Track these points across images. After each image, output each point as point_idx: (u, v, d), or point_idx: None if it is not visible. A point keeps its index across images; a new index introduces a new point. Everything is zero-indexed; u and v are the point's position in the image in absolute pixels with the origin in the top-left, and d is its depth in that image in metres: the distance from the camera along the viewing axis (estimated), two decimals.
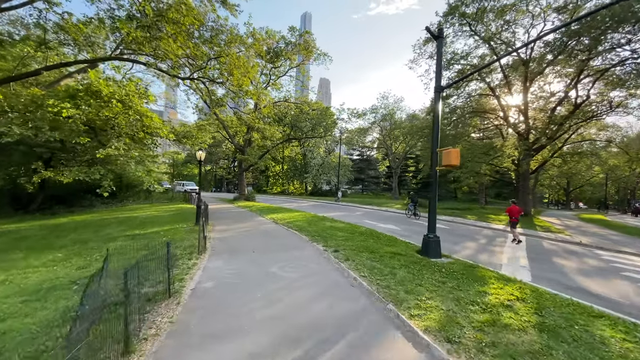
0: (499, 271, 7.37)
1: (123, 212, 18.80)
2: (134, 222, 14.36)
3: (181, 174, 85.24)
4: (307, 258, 7.77)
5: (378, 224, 16.01)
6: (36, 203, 18.59)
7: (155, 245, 8.98)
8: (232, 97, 14.30)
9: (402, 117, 47.21)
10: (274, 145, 29.40)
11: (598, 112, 23.60)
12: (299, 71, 29.44)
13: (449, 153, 7.52)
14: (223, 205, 24.62)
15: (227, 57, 13.35)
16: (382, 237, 10.92)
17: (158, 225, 13.06)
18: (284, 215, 17.52)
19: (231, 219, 16.18)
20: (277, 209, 21.23)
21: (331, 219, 16.31)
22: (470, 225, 17.34)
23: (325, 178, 57.35)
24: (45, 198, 19.67)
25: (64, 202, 20.74)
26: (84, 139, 7.57)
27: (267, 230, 12.28)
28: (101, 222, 14.36)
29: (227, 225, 13.77)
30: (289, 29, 23.94)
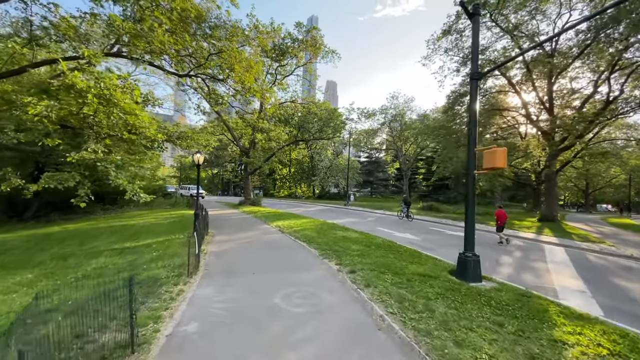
0: (559, 300, 5.91)
1: (121, 219, 17.77)
2: (129, 231, 13.24)
3: (189, 177, 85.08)
4: (318, 282, 6.40)
5: (394, 232, 14.55)
6: (31, 210, 17.67)
7: (141, 264, 7.74)
8: (233, 94, 13.14)
9: (413, 118, 45.58)
10: (281, 147, 28.21)
11: (626, 109, 21.76)
12: (306, 70, 28.23)
13: (494, 153, 6.09)
14: (227, 211, 23.45)
15: (228, 51, 12.16)
16: (402, 250, 9.49)
17: (153, 236, 11.88)
18: (291, 222, 16.20)
19: (233, 226, 14.94)
20: (283, 215, 19.94)
21: (342, 227, 14.93)
22: (494, 233, 15.71)
23: (333, 181, 55.95)
24: (41, 205, 18.75)
25: (61, 209, 19.82)
26: (52, 141, 6.46)
27: (271, 242, 10.97)
28: (93, 232, 13.27)
29: (227, 234, 12.51)
30: (295, 24, 22.75)
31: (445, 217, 22.50)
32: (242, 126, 26.61)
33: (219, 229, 13.98)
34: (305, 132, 29.43)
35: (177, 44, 12.06)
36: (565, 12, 19.55)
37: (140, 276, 6.57)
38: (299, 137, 29.80)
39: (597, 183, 58.60)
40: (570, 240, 13.90)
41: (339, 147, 61.66)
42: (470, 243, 6.80)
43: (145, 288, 5.77)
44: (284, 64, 25.01)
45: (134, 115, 7.48)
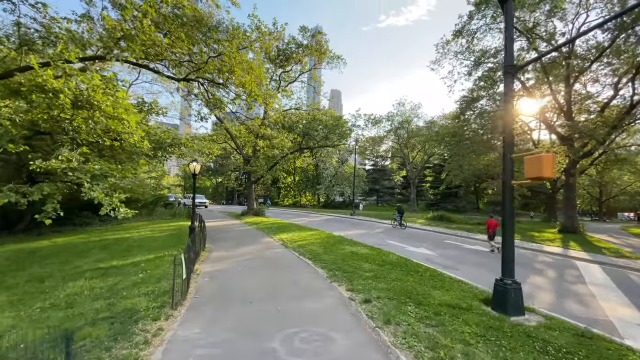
0: (622, 339, 4.76)
1: (116, 232, 16.87)
2: (120, 246, 12.28)
3: None
4: (327, 316, 5.32)
5: (407, 246, 13.40)
6: (24, 222, 16.85)
7: (122, 289, 6.74)
8: (233, 98, 12.32)
9: (420, 125, 44.54)
10: (284, 155, 27.30)
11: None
12: (310, 76, 27.51)
13: (539, 161, 5.02)
14: (228, 222, 22.47)
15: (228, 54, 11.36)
16: (421, 271, 8.36)
17: (144, 252, 10.90)
18: (295, 235, 15.15)
19: (234, 240, 13.93)
20: (287, 227, 18.89)
21: (350, 240, 13.82)
22: (516, 247, 14.45)
23: (338, 189, 54.84)
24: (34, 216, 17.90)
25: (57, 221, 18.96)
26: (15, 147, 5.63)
27: (273, 259, 9.91)
28: (82, 248, 12.34)
29: (226, 250, 11.49)
30: (300, 29, 22.10)
31: (458, 228, 21.24)
32: (245, 134, 25.84)
33: (217, 243, 12.97)
34: (310, 140, 28.59)
35: (174, 47, 11.30)
36: (582, 12, 18.61)
37: (117, 307, 5.56)
38: (303, 144, 28.95)
39: (610, 191, 56.66)
40: (602, 255, 12.61)
41: (344, 155, 60.69)
42: (510, 267, 5.67)
43: (118, 325, 4.75)
44: (287, 70, 24.30)
45: (117, 119, 6.62)
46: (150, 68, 12.04)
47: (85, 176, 5.90)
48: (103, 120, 6.41)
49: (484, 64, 21.43)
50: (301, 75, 26.47)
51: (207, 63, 12.14)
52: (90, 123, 6.39)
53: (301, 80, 27.01)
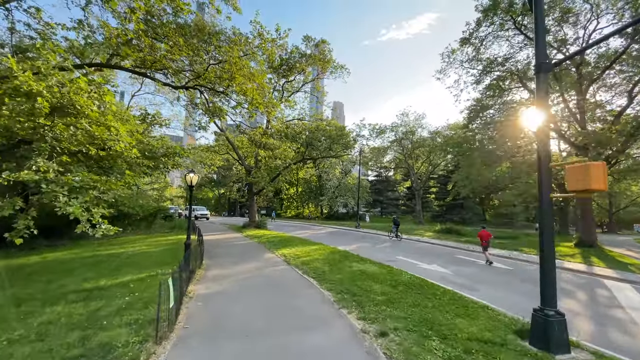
0: None
1: (112, 246, 16.13)
2: (112, 263, 11.52)
3: (196, 198, 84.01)
4: (336, 355, 4.50)
5: (418, 262, 12.52)
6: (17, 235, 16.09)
7: (103, 316, 5.97)
8: (233, 106, 11.80)
9: (424, 135, 43.94)
10: (287, 165, 26.66)
11: None
12: (314, 86, 27.17)
13: (586, 170, 4.27)
14: (229, 235, 21.67)
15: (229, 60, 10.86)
16: (439, 293, 7.51)
17: (136, 270, 10.13)
18: (298, 250, 14.33)
19: (233, 256, 13.13)
20: (289, 240, 18.07)
21: (356, 256, 12.97)
22: (535, 263, 13.52)
23: (341, 200, 53.99)
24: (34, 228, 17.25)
25: (52, 234, 18.30)
26: None
27: (275, 279, 9.09)
28: (72, 264, 11.59)
29: (224, 267, 10.69)
30: (303, 38, 21.83)
31: (468, 241, 20.28)
32: (247, 145, 25.32)
33: (215, 259, 12.18)
34: (313, 150, 28.03)
35: (172, 53, 10.83)
36: (593, 19, 18.13)
37: (91, 341, 4.79)
38: (306, 155, 28.37)
39: (620, 202, 55.28)
40: (630, 273, 11.65)
41: (347, 166, 60.09)
42: (551, 295, 4.85)
43: None
44: (290, 80, 23.93)
45: (104, 126, 6.01)
46: (148, 76, 11.56)
47: (62, 189, 5.27)
48: (86, 126, 5.81)
49: (492, 72, 20.90)
50: (304, 86, 26.15)
51: (208, 70, 11.67)
52: (71, 129, 5.78)
53: (304, 90, 26.69)
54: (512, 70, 20.39)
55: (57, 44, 9.93)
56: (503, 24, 17.55)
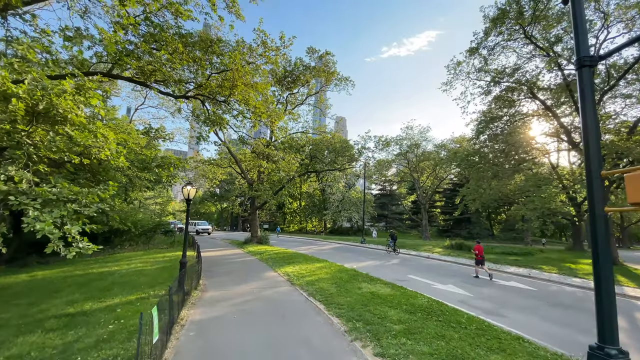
0: None
1: (106, 263, 15.34)
2: (103, 282, 10.72)
3: (198, 212, 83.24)
4: None
5: (432, 283, 11.58)
6: (9, 252, 15.43)
7: (80, 349, 5.18)
8: (234, 115, 11.23)
9: (429, 148, 43.32)
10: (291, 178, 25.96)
11: None
12: (317, 99, 26.84)
13: None
14: (230, 251, 20.80)
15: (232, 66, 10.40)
16: (464, 321, 6.62)
17: (127, 291, 9.33)
18: (302, 267, 13.46)
19: (232, 274, 12.28)
20: (293, 257, 17.18)
21: (365, 275, 12.07)
22: (558, 283, 12.53)
23: (345, 215, 52.94)
24: (21, 245, 16.63)
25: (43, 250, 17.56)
26: None
27: (277, 302, 8.24)
28: (60, 284, 10.80)
29: (222, 288, 9.85)
30: (307, 50, 21.58)
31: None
32: (250, 158, 24.80)
33: (213, 279, 11.35)
34: (317, 162, 27.41)
35: (173, 62, 10.40)
36: (603, 29, 17.72)
37: None
38: (310, 167, 27.76)
39: (632, 216, 53.77)
40: None
41: (351, 180, 59.38)
42: (611, 329, 4.00)
43: None
44: (294, 92, 23.60)
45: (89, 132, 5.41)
46: (148, 85, 11.09)
47: (34, 201, 4.60)
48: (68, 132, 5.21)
49: (500, 83, 20.42)
50: (308, 98, 25.80)
51: (209, 80, 11.21)
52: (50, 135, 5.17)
53: (308, 102, 26.32)
54: (521, 81, 19.89)
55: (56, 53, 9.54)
56: (512, 33, 17.15)
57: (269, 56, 12.03)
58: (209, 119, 10.78)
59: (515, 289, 11.33)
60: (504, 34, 17.10)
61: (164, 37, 8.80)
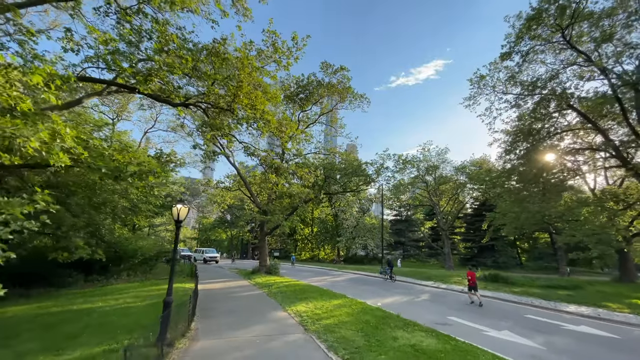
0: None
1: (94, 297, 13.45)
2: (74, 326, 8.77)
3: (209, 239, 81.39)
4: None
5: (483, 328, 9.14)
6: None
7: None
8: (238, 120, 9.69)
9: (447, 171, 40.90)
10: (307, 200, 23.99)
11: None
12: (329, 118, 25.56)
13: None
14: (234, 283, 18.64)
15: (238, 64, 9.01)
16: None
17: (95, 340, 7.35)
18: (318, 305, 11.22)
19: (233, 314, 10.15)
20: (305, 291, 14.92)
21: (397, 317, 9.73)
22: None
23: (360, 242, 50.08)
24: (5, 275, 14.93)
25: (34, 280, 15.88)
26: None
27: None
28: (23, 325, 8.91)
29: (217, 334, 7.75)
30: (321, 66, 20.43)
31: (525, 293, 16.46)
32: (259, 180, 23.25)
33: (210, 320, 9.26)
34: (332, 183, 25.57)
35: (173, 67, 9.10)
36: None
37: None
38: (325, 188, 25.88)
39: None
40: None
41: (365, 204, 56.98)
42: None
43: None
44: (306, 110, 22.36)
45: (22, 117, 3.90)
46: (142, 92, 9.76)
47: None
48: None
49: (533, 94, 18.63)
50: (321, 117, 24.56)
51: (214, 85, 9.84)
52: None
53: (320, 122, 25.07)
54: (558, 92, 18.01)
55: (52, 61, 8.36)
56: (548, 36, 15.52)
57: (279, 60, 10.65)
58: (206, 124, 9.27)
59: (592, 336, 8.77)
60: (539, 37, 15.45)
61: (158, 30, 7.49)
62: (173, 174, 46.53)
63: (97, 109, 25.49)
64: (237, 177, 26.65)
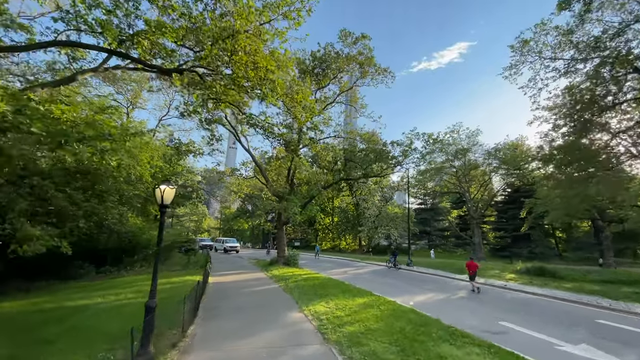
0: None
1: (93, 292, 12.45)
2: (55, 328, 7.61)
3: (232, 229, 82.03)
4: None
5: (553, 340, 7.12)
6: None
7: None
8: (235, 80, 8.01)
9: (478, 155, 37.54)
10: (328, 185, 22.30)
11: None
12: (349, 97, 23.38)
13: None
14: (249, 275, 17.38)
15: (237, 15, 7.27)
16: None
17: (70, 349, 6.07)
18: (339, 305, 9.57)
19: (241, 314, 8.68)
20: (325, 285, 13.33)
21: (437, 322, 7.88)
22: None
23: (382, 231, 47.95)
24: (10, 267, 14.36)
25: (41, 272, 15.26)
26: None
27: None
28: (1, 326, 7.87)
29: (216, 344, 6.27)
30: (339, 34, 18.12)
31: (577, 289, 14.03)
32: (275, 167, 21.72)
33: (212, 322, 7.83)
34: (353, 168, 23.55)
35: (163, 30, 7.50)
36: None
37: None
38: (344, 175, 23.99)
39: None
40: None
41: (388, 193, 54.59)
42: None
43: None
44: (324, 86, 20.34)
45: None
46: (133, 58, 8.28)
47: None
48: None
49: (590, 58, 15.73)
50: (340, 96, 22.47)
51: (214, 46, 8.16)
52: None
53: (339, 102, 22.97)
54: (622, 53, 15.02)
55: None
56: None
57: (288, 13, 8.76)
58: (195, 84, 7.66)
59: None
60: None
61: None
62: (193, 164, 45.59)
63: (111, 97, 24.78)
64: (252, 163, 25.33)
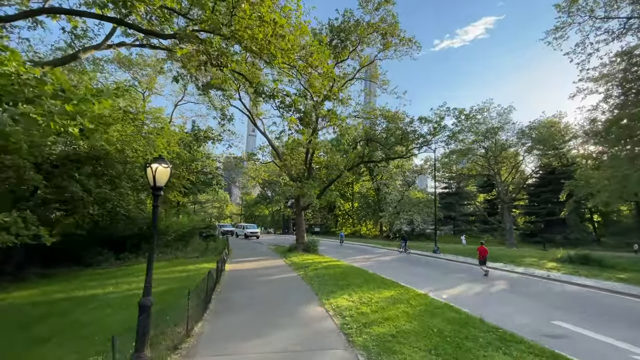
0: None
1: (107, 280, 12.19)
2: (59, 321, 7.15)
3: (253, 215, 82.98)
4: None
5: (626, 347, 5.78)
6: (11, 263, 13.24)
7: None
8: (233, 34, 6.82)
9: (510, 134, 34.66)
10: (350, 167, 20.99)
11: None
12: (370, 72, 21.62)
13: None
14: (268, 262, 16.73)
15: None
16: None
17: (59, 351, 5.44)
18: (364, 297, 8.58)
19: (255, 308, 7.86)
20: (347, 274, 12.37)
21: (480, 321, 6.70)
22: None
23: (405, 217, 46.33)
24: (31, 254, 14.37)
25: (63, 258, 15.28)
26: None
27: None
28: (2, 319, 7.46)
29: (223, 344, 5.43)
30: (360, 1, 16.31)
31: (631, 280, 12.26)
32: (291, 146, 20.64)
33: (222, 317, 7.05)
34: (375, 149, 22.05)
35: None
36: None
37: None
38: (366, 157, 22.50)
39: None
40: None
41: (410, 177, 52.56)
42: None
43: None
44: (343, 60, 18.78)
45: None
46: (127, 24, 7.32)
47: None
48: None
49: None
50: (360, 72, 20.86)
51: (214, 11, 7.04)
52: None
53: (359, 77, 21.36)
54: None
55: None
56: None
57: None
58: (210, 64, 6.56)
59: None
60: None
61: None
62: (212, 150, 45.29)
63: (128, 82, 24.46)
64: (270, 147, 24.48)
